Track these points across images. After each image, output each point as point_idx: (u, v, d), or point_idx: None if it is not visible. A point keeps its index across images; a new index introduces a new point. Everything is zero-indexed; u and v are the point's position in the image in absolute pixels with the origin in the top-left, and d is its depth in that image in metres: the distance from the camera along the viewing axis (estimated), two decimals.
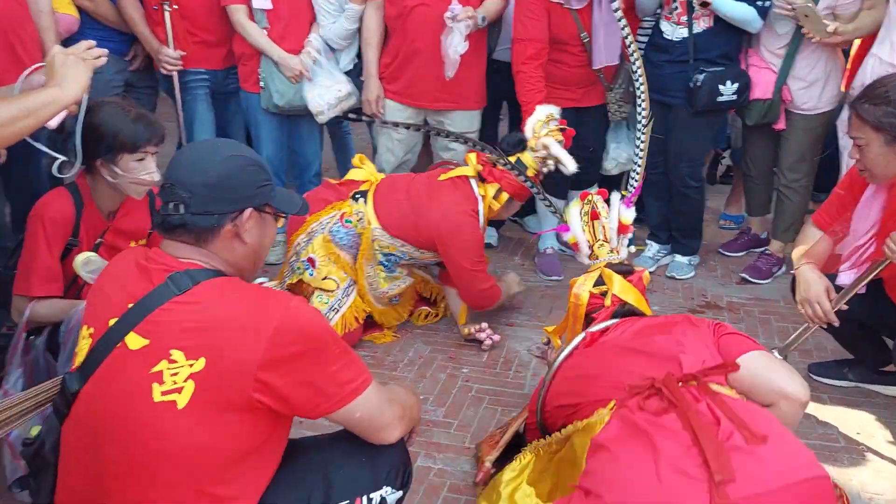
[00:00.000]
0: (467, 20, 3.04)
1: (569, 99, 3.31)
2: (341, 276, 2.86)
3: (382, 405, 1.46)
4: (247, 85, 3.41)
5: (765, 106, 3.23)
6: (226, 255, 1.44)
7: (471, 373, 2.79)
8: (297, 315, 1.34)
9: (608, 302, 2.11)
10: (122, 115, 2.06)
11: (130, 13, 3.18)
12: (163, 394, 1.30)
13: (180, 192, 1.39)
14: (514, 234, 4.05)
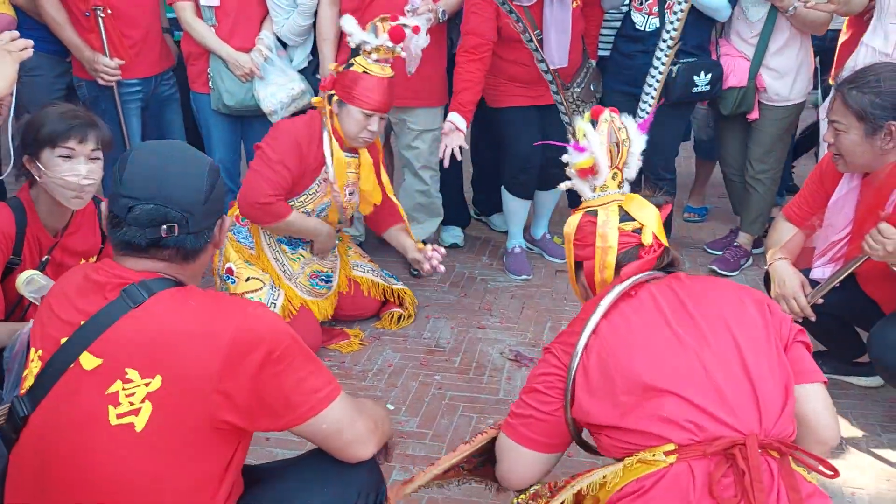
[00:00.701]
0: (428, 13, 2.95)
1: (530, 97, 3.25)
2: (262, 274, 2.78)
3: (353, 417, 1.36)
4: (196, 86, 3.27)
5: (739, 94, 3.20)
6: (198, 268, 1.37)
7: (443, 380, 2.70)
8: (255, 321, 1.26)
9: (647, 240, 1.56)
10: (54, 110, 1.95)
11: (53, 17, 2.95)
12: (118, 416, 1.21)
13: (172, 212, 1.28)
14: (480, 233, 3.98)
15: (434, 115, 3.31)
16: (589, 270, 1.59)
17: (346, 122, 2.69)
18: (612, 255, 1.55)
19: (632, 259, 1.55)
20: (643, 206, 1.60)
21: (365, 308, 3.08)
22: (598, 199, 1.64)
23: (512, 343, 2.92)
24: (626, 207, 1.60)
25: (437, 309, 3.20)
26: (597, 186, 1.66)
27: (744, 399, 1.34)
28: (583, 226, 1.61)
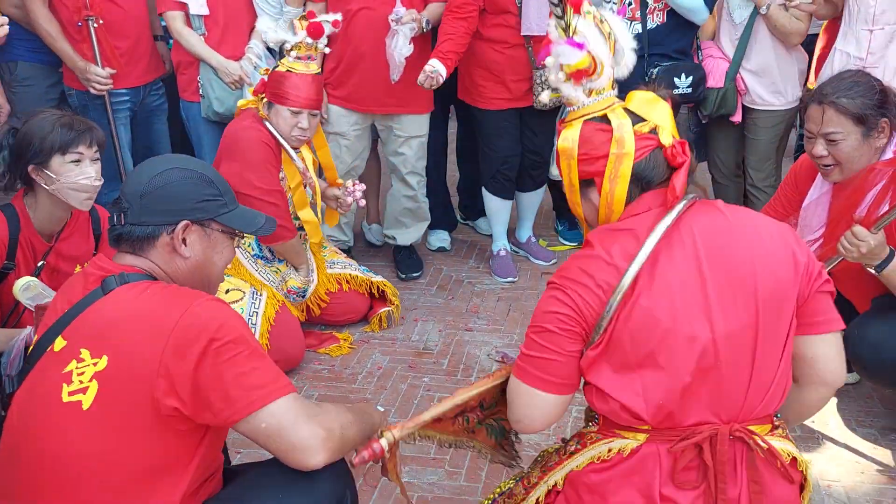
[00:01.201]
0: (412, 22, 3.00)
1: (509, 99, 3.29)
2: (242, 283, 2.80)
3: (298, 421, 1.27)
4: (186, 94, 3.31)
5: (718, 95, 3.23)
6: (167, 268, 1.42)
7: (431, 382, 2.75)
8: (202, 311, 1.29)
9: (667, 140, 1.38)
10: (50, 118, 1.99)
11: (46, 28, 2.99)
12: (69, 394, 1.28)
13: (122, 202, 1.40)
14: (466, 237, 4.03)
15: (421, 121, 3.36)
16: (601, 188, 1.40)
17: (277, 122, 2.74)
18: (628, 163, 1.37)
19: (655, 167, 1.38)
20: (652, 103, 1.41)
21: (353, 311, 3.12)
22: (597, 104, 1.43)
23: (499, 344, 2.97)
24: (630, 106, 1.42)
25: (425, 312, 3.25)
26: (593, 90, 1.43)
27: (737, 388, 1.35)
28: (588, 136, 1.40)
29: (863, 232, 2.03)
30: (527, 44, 3.20)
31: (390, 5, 3.00)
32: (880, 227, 2.03)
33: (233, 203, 1.49)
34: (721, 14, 3.30)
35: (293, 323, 2.87)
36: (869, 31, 2.92)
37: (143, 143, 3.38)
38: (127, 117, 3.26)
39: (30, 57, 3.12)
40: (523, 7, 3.13)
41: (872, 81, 2.17)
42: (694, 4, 3.14)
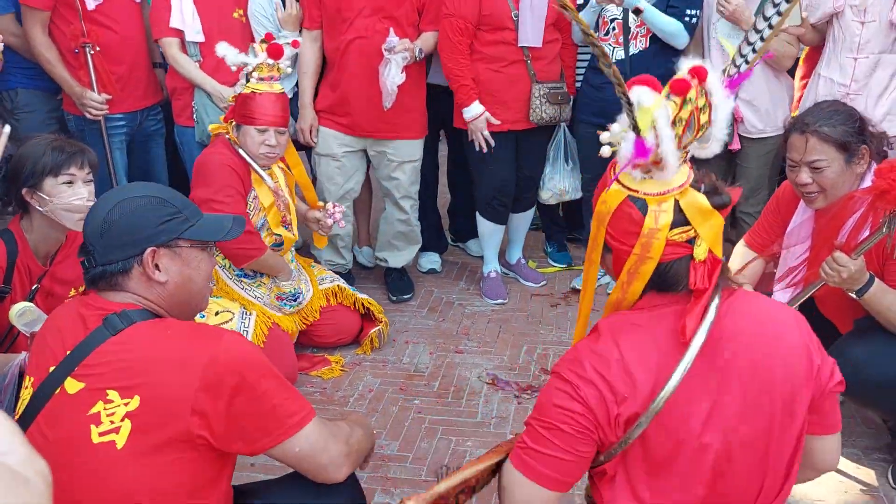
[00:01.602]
0: (404, 52, 3.07)
1: (507, 121, 3.34)
2: (231, 303, 2.84)
3: (326, 441, 1.42)
4: (181, 119, 3.35)
5: None
6: (151, 296, 1.44)
7: (422, 404, 2.78)
8: (229, 348, 1.33)
9: (700, 255, 1.25)
10: (42, 142, 2.04)
11: (45, 55, 3.05)
12: (100, 434, 1.29)
13: (87, 245, 1.42)
14: (457, 258, 4.07)
15: (414, 146, 3.40)
16: (618, 262, 1.33)
17: (246, 142, 2.77)
18: (650, 266, 1.27)
19: (678, 273, 1.27)
20: (706, 215, 1.26)
21: (345, 333, 3.15)
22: (650, 184, 1.27)
23: (489, 367, 3.01)
24: (682, 205, 1.26)
25: (416, 334, 3.29)
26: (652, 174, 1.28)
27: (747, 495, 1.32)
28: (621, 215, 1.29)
29: (843, 258, 2.08)
30: (526, 57, 3.27)
31: (383, 35, 3.07)
32: (860, 253, 2.08)
33: (195, 215, 1.49)
34: (708, 43, 3.30)
35: (286, 343, 2.91)
36: (853, 59, 2.98)
37: (139, 166, 3.43)
38: (123, 142, 3.31)
39: (29, 84, 3.17)
40: (520, 21, 3.20)
41: (850, 110, 2.25)
42: (673, 28, 3.19)
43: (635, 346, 1.28)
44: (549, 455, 1.30)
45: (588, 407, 1.27)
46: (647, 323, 1.30)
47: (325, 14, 3.21)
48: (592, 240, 1.37)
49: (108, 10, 3.12)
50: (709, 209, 1.26)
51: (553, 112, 3.35)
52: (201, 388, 1.29)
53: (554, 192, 3.62)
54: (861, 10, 2.95)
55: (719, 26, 3.21)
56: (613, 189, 1.32)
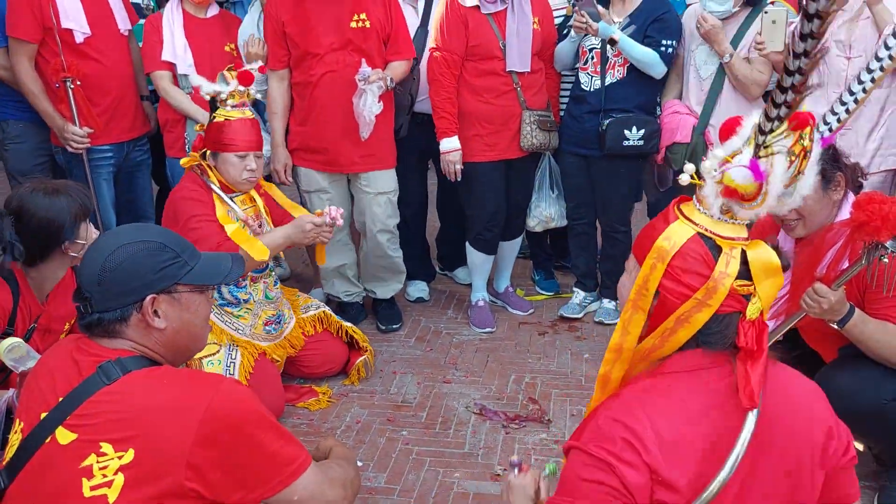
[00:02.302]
0: (379, 81, 3.09)
1: (496, 152, 3.38)
2: (218, 336, 2.83)
3: (322, 486, 1.43)
4: (172, 151, 3.37)
5: (687, 150, 3.26)
6: (148, 342, 1.42)
7: (410, 435, 2.77)
8: (225, 399, 1.32)
9: (752, 314, 1.20)
10: (54, 196, 2.05)
11: (30, 88, 3.08)
12: (92, 489, 1.26)
13: (84, 292, 1.39)
14: (445, 287, 4.08)
15: (388, 176, 3.39)
16: (665, 308, 1.22)
17: (225, 169, 2.77)
18: (706, 314, 1.18)
19: (727, 329, 1.20)
20: (770, 271, 1.20)
21: (332, 363, 3.14)
22: (723, 227, 1.21)
23: (477, 397, 3.00)
24: (749, 256, 1.20)
25: (403, 364, 3.29)
26: (731, 212, 1.21)
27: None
28: (688, 253, 1.20)
29: (823, 289, 2.11)
30: (516, 85, 3.31)
31: (354, 68, 3.09)
32: (840, 285, 2.11)
33: (194, 257, 1.46)
34: (687, 71, 3.35)
35: (273, 375, 2.90)
36: (837, 94, 2.99)
37: (125, 197, 3.44)
38: (110, 173, 3.32)
39: (19, 115, 3.20)
40: (507, 47, 3.26)
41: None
42: (648, 59, 3.23)
43: (666, 418, 1.18)
44: None
45: (626, 489, 1.15)
46: (677, 391, 1.20)
47: (293, 53, 3.21)
48: (643, 281, 1.23)
49: (95, 42, 3.15)
50: (776, 267, 1.20)
51: (543, 139, 3.40)
52: (197, 443, 1.27)
53: (540, 220, 3.65)
54: (846, 46, 2.98)
55: (697, 55, 3.26)
56: (679, 223, 1.22)
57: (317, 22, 3.13)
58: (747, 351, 1.18)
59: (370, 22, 3.17)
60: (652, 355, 1.26)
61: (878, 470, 2.45)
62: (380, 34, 3.23)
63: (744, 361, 1.18)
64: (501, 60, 3.28)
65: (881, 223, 1.93)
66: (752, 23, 3.17)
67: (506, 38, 3.26)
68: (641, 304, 1.24)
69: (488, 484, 2.48)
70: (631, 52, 3.22)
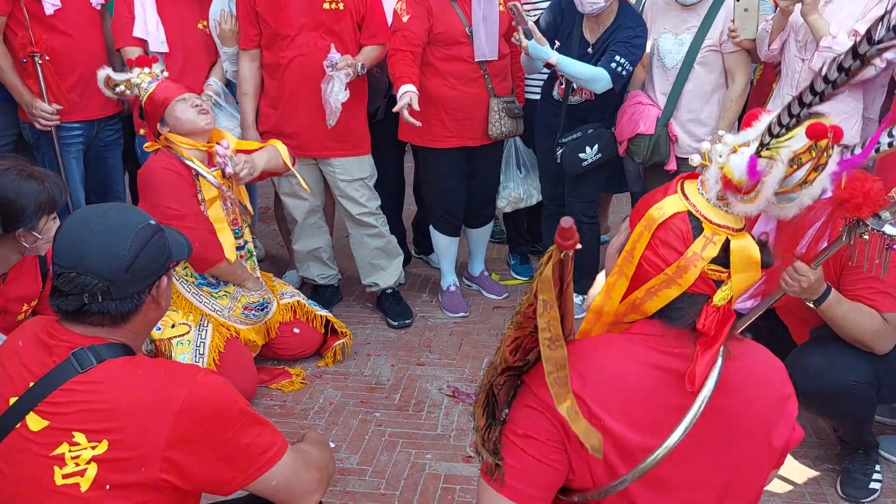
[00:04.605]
0: (347, 69, 3.03)
1: (459, 138, 3.34)
2: (189, 317, 2.82)
3: (299, 471, 1.43)
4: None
5: (650, 142, 3.17)
6: (140, 328, 1.41)
7: (383, 416, 2.78)
8: (201, 391, 1.32)
9: (720, 300, 1.22)
10: (26, 179, 1.97)
11: None
12: (64, 477, 1.25)
13: (94, 281, 1.31)
14: (420, 270, 4.08)
15: (362, 162, 3.35)
16: (638, 279, 1.26)
17: (181, 123, 2.75)
18: (675, 291, 1.22)
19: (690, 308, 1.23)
20: (749, 265, 1.22)
21: (307, 345, 3.14)
22: (713, 212, 1.22)
23: (450, 379, 3.02)
24: (732, 246, 1.21)
25: (378, 346, 3.28)
26: (726, 200, 1.22)
27: None
28: (672, 227, 1.23)
29: (804, 268, 2.11)
30: (483, 72, 3.26)
31: (324, 51, 3.04)
32: (819, 263, 2.11)
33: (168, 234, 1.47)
34: (651, 60, 3.24)
35: (245, 356, 2.88)
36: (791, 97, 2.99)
37: (96, 176, 3.38)
38: (80, 151, 3.26)
39: None
40: (474, 35, 3.19)
41: None
42: (590, 75, 3.03)
43: (621, 380, 1.22)
44: (520, 468, 1.24)
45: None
46: (640, 358, 1.24)
47: (264, 32, 3.15)
48: (631, 247, 1.26)
49: (66, 15, 3.08)
50: (756, 261, 1.22)
51: (511, 126, 3.36)
52: (173, 436, 1.27)
53: (509, 200, 3.64)
54: (802, 46, 2.89)
55: (661, 43, 3.15)
56: (675, 198, 1.25)
57: (288, 1, 3.07)
58: (705, 335, 1.21)
59: (344, 4, 3.11)
60: (623, 318, 1.30)
61: (842, 452, 2.50)
62: (354, 17, 3.17)
63: (701, 345, 1.21)
64: (468, 46, 3.21)
65: (862, 200, 1.90)
66: (716, 12, 3.08)
67: (472, 25, 3.20)
68: (626, 271, 1.27)
69: (460, 465, 2.49)
70: (569, 70, 3.04)
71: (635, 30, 3.10)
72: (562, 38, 3.24)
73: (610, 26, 3.13)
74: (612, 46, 3.09)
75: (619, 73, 3.06)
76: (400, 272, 3.59)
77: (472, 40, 3.21)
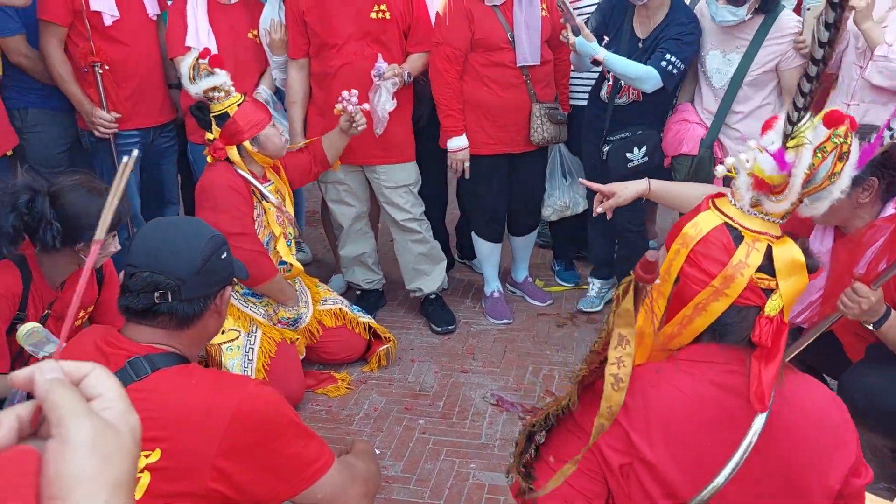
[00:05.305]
0: (394, 78, 3.05)
1: (501, 144, 3.32)
2: (239, 323, 2.86)
3: (345, 485, 1.45)
4: (194, 137, 3.38)
5: (693, 163, 3.11)
6: (199, 336, 1.45)
7: (427, 424, 2.79)
8: (252, 402, 1.34)
9: (772, 310, 1.17)
10: (95, 196, 2.05)
11: (59, 72, 3.09)
12: None
13: (166, 280, 1.39)
14: (464, 275, 4.08)
15: (407, 169, 3.37)
16: (683, 295, 1.23)
17: (268, 145, 2.81)
18: (722, 304, 1.18)
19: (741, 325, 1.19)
20: (795, 269, 1.18)
21: (351, 350, 3.17)
22: (750, 220, 1.20)
23: (494, 387, 3.01)
24: (774, 252, 1.19)
25: (422, 353, 3.30)
26: (760, 205, 1.20)
27: None
28: (712, 240, 1.20)
29: (864, 289, 2.02)
30: (525, 77, 3.24)
31: (372, 60, 3.06)
32: (879, 284, 2.03)
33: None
34: (699, 75, 3.15)
35: (294, 360, 2.92)
36: (846, 106, 2.86)
37: (150, 183, 3.47)
38: (136, 157, 3.34)
39: (40, 104, 3.22)
40: (515, 40, 3.18)
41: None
42: (639, 73, 2.98)
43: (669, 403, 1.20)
44: (553, 493, 1.24)
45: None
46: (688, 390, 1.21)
47: (313, 42, 3.20)
48: (667, 265, 1.25)
49: (123, 26, 3.16)
50: (801, 264, 1.18)
51: (554, 132, 3.32)
52: (223, 446, 1.29)
53: (555, 209, 3.61)
54: (861, 54, 2.81)
55: (708, 60, 3.06)
56: (708, 214, 1.24)
57: (336, 11, 3.11)
58: (762, 348, 1.17)
59: (391, 13, 3.14)
60: (671, 343, 1.26)
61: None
62: (400, 25, 3.19)
63: (758, 360, 1.17)
64: (510, 51, 3.20)
65: None
66: (767, 31, 2.94)
67: (514, 30, 3.18)
68: (664, 290, 1.25)
69: (504, 476, 2.49)
70: (618, 69, 3.00)
71: (687, 26, 3.06)
72: (611, 33, 3.21)
73: (662, 22, 3.08)
74: (662, 43, 3.04)
75: (671, 71, 3.01)
76: (443, 277, 3.61)
77: (513, 45, 3.20)
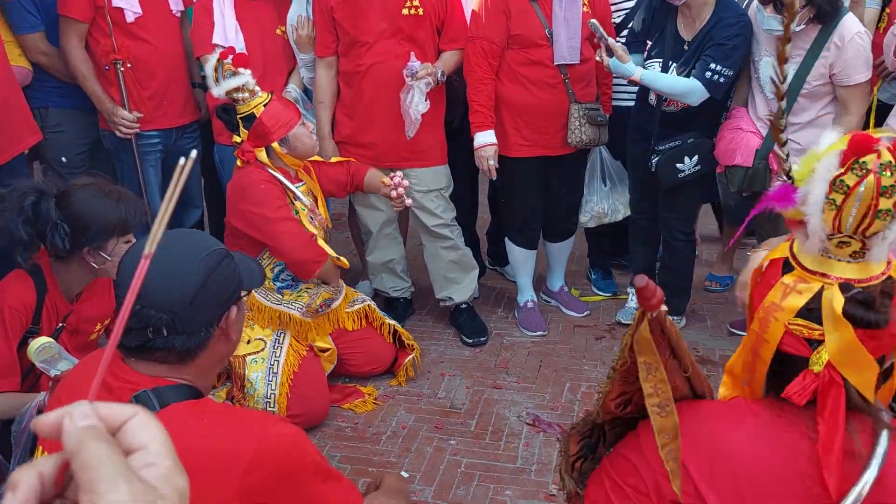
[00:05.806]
0: (427, 77, 2.91)
1: (537, 146, 3.17)
2: (264, 331, 2.76)
3: None
4: (222, 138, 3.26)
5: (746, 174, 2.94)
6: (208, 365, 1.30)
7: (458, 444, 2.64)
8: (271, 445, 1.21)
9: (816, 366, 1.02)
10: (103, 197, 1.92)
11: (80, 69, 2.98)
12: None
13: (157, 314, 1.20)
14: (495, 283, 3.92)
15: (438, 173, 3.24)
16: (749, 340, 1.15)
17: (299, 146, 2.71)
18: (767, 351, 1.07)
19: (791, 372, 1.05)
20: (831, 320, 1.01)
21: (378, 362, 3.03)
22: (810, 259, 1.06)
23: (529, 406, 2.85)
24: (823, 297, 1.03)
25: (452, 366, 3.15)
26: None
27: None
28: (768, 275, 1.11)
29: None
30: (563, 76, 3.08)
31: (403, 59, 2.93)
32: None
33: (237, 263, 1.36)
34: (754, 81, 2.96)
35: (318, 375, 2.80)
36: None
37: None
38: (158, 159, 3.24)
39: (60, 103, 3.13)
40: (554, 37, 3.02)
41: None
42: (681, 88, 2.85)
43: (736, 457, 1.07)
44: None
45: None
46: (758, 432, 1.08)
47: (342, 39, 3.06)
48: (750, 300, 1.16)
49: (146, 23, 3.05)
50: (837, 316, 1.00)
51: (593, 134, 3.14)
52: (242, 487, 1.17)
53: (592, 215, 3.44)
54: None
55: (761, 67, 2.88)
56: (784, 244, 1.13)
57: (367, 8, 2.97)
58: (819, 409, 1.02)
59: (424, 9, 3.00)
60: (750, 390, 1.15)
61: None
62: (433, 22, 3.05)
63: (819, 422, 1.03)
64: (548, 48, 3.03)
65: None
66: (825, 41, 2.73)
67: (552, 27, 3.02)
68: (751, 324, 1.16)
69: None
70: (657, 86, 2.89)
71: (735, 27, 2.84)
72: (653, 37, 3.03)
73: (708, 22, 2.88)
74: (707, 50, 2.85)
75: (717, 81, 2.83)
76: (475, 286, 3.45)
77: (551, 42, 3.03)
